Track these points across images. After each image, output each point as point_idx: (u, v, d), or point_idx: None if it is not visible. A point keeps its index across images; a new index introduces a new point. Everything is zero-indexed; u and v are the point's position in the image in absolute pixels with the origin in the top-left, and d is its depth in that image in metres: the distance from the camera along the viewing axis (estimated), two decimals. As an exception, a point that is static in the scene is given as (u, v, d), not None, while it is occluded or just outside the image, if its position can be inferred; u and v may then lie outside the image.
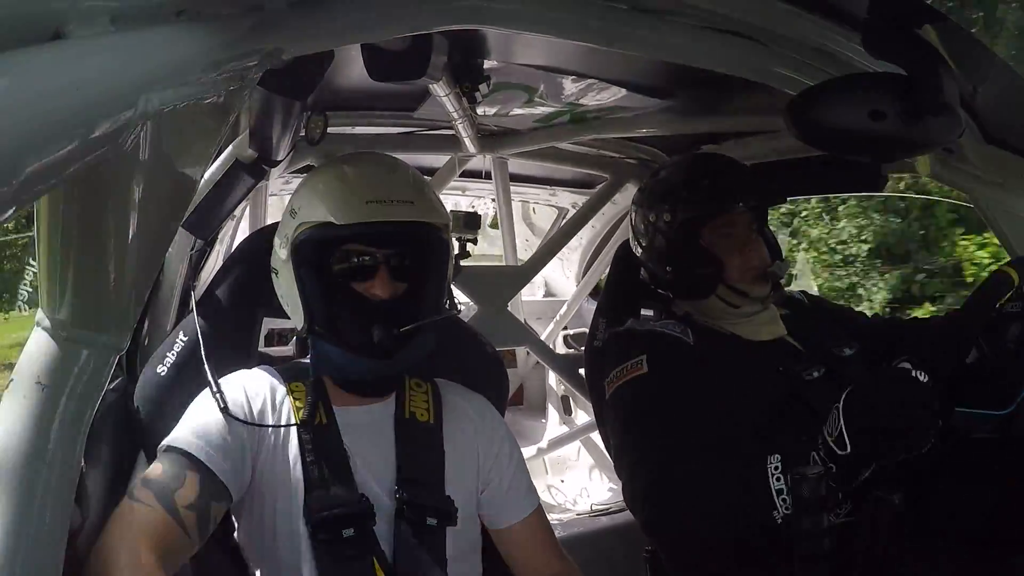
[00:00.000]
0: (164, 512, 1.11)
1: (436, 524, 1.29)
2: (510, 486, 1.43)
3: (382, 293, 1.27)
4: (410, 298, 1.31)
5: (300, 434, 1.29)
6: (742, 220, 1.69)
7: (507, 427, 1.50)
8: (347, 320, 1.29)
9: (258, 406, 1.30)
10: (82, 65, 0.57)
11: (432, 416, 1.40)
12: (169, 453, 1.20)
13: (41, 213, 0.75)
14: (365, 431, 1.35)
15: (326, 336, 1.30)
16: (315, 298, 1.28)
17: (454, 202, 3.16)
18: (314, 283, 1.28)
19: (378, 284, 1.27)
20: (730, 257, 1.68)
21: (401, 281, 1.30)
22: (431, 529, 1.29)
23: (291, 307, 1.34)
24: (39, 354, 0.81)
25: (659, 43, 1.17)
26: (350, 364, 1.31)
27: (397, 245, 1.29)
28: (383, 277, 1.28)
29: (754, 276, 1.68)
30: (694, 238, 1.70)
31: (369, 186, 1.27)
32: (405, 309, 1.29)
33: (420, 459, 1.35)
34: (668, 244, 1.74)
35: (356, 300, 1.28)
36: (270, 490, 1.27)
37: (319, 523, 1.22)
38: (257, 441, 1.28)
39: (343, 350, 1.29)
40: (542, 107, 2.00)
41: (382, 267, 1.28)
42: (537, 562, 1.41)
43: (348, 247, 1.28)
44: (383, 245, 1.28)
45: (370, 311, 1.27)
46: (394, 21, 0.96)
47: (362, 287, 1.28)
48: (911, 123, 1.09)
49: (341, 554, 1.23)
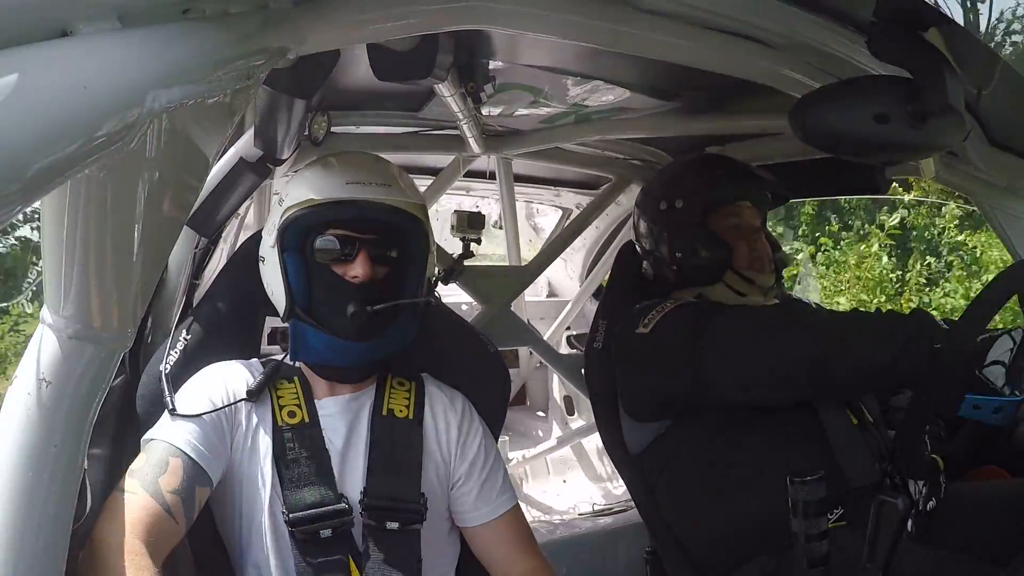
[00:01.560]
0: (150, 498, 1.13)
1: (398, 528, 1.29)
2: (480, 487, 1.43)
3: (360, 275, 1.30)
4: (388, 282, 1.34)
5: (277, 432, 1.30)
6: (748, 212, 1.74)
7: (486, 426, 1.51)
8: (325, 301, 1.32)
9: (232, 392, 1.32)
10: (89, 63, 0.57)
11: (412, 412, 1.41)
12: (151, 443, 1.23)
13: (47, 211, 0.75)
14: (346, 423, 1.36)
15: (305, 319, 1.32)
16: (297, 281, 1.32)
17: (458, 202, 3.17)
18: (296, 266, 1.32)
19: (357, 266, 1.31)
20: (739, 245, 1.71)
21: (380, 265, 1.33)
22: (392, 533, 1.29)
23: (275, 294, 1.37)
24: (43, 351, 0.81)
25: (664, 45, 1.17)
26: (326, 347, 1.33)
27: (376, 230, 1.32)
28: (362, 259, 1.31)
29: (762, 264, 1.71)
30: (703, 223, 1.73)
31: (349, 170, 1.32)
32: (382, 291, 1.32)
33: (395, 456, 1.35)
34: (678, 229, 1.77)
35: (334, 281, 1.31)
36: (237, 480, 1.29)
37: (296, 522, 1.23)
38: (234, 427, 1.30)
39: (320, 331, 1.32)
40: (547, 108, 2.00)
41: (361, 250, 1.31)
42: (508, 559, 1.41)
43: (330, 232, 1.31)
44: (362, 230, 1.31)
45: (347, 292, 1.30)
46: (400, 21, 0.96)
47: (342, 269, 1.32)
48: (916, 126, 1.09)
49: (318, 554, 1.24)
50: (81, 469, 0.87)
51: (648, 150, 2.54)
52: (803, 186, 2.43)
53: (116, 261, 0.80)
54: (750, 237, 1.73)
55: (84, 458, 0.88)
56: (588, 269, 3.25)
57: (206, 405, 1.28)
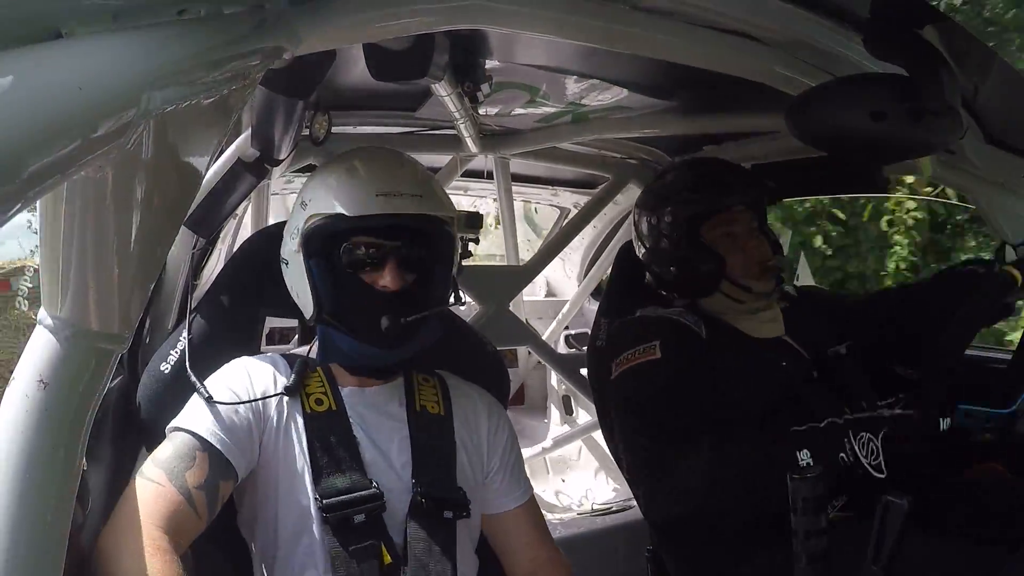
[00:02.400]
0: (175, 491, 1.14)
1: (452, 517, 1.32)
2: (509, 476, 1.46)
3: (390, 284, 1.29)
4: (417, 289, 1.34)
5: (308, 420, 1.31)
6: (742, 217, 1.71)
7: (509, 420, 1.53)
8: (356, 310, 1.32)
9: (261, 388, 1.32)
10: (84, 64, 0.57)
11: (442, 408, 1.43)
12: (177, 433, 1.23)
13: (43, 212, 0.75)
14: (373, 413, 1.37)
15: (335, 325, 1.33)
16: (324, 288, 1.31)
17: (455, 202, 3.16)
18: (324, 273, 1.31)
19: (386, 275, 1.30)
20: (733, 253, 1.69)
21: (409, 272, 1.32)
22: (446, 522, 1.32)
23: (300, 297, 1.36)
24: (41, 352, 0.81)
25: (661, 43, 1.17)
26: (357, 352, 1.34)
27: (404, 237, 1.31)
28: (391, 268, 1.30)
29: (758, 271, 1.69)
30: (696, 236, 1.71)
31: (378, 180, 1.29)
32: (412, 299, 1.32)
33: (434, 451, 1.37)
34: (671, 244, 1.76)
35: (365, 291, 1.31)
36: (273, 472, 1.29)
37: (329, 508, 1.24)
38: (263, 420, 1.30)
39: (352, 338, 1.32)
40: (544, 107, 2.00)
41: (390, 258, 1.30)
42: (525, 548, 1.44)
43: (357, 239, 1.30)
44: (391, 237, 1.30)
45: (378, 301, 1.29)
46: (396, 20, 0.96)
47: (371, 278, 1.31)
48: (912, 124, 1.09)
49: (350, 539, 1.24)
50: (80, 470, 0.87)
51: (646, 149, 2.54)
52: (800, 185, 2.44)
53: (113, 262, 0.80)
54: (747, 243, 1.71)
55: (83, 459, 0.88)
56: (586, 269, 3.25)
57: (235, 395, 1.29)
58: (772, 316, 1.75)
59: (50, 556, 0.82)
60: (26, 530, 0.78)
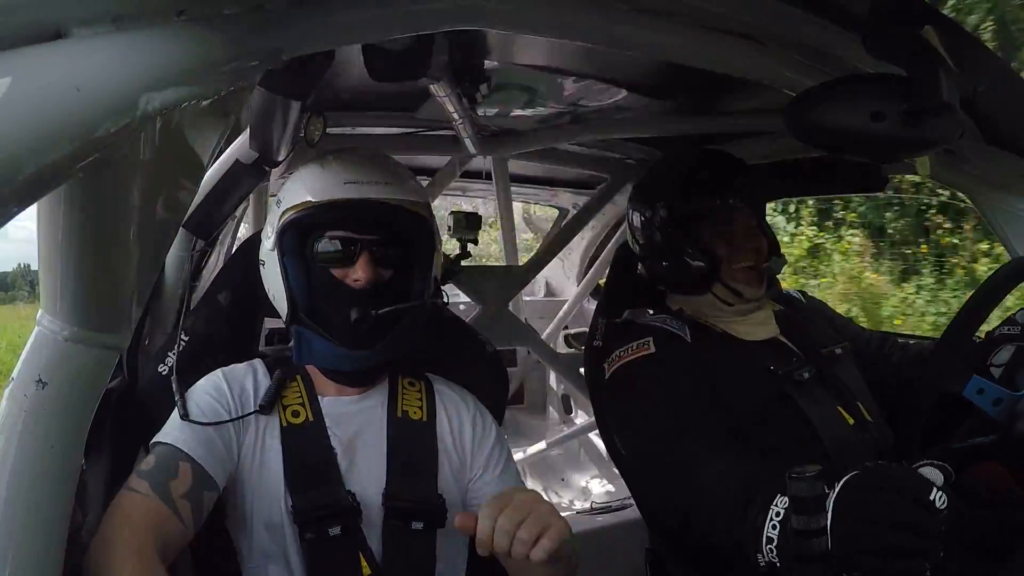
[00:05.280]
0: (160, 502, 1.13)
1: (422, 528, 1.29)
2: (498, 479, 1.42)
3: (362, 278, 1.27)
4: (392, 285, 1.31)
5: (284, 433, 1.29)
6: (740, 215, 1.68)
7: (498, 426, 1.50)
8: (327, 306, 1.29)
9: (238, 400, 1.31)
10: (83, 65, 0.57)
11: (425, 413, 1.40)
12: (158, 447, 1.22)
13: (42, 213, 0.75)
14: (353, 423, 1.35)
15: (309, 325, 1.30)
16: (298, 285, 1.29)
17: (454, 203, 3.17)
18: (297, 270, 1.29)
19: (358, 270, 1.27)
20: (727, 252, 1.66)
21: (385, 268, 1.30)
22: (419, 532, 1.29)
23: (276, 298, 1.35)
24: (40, 353, 0.81)
25: (659, 43, 1.16)
26: (331, 353, 1.31)
27: (377, 228, 1.29)
28: (363, 262, 1.28)
29: (749, 277, 1.66)
30: (690, 233, 1.68)
31: (348, 169, 1.29)
32: (386, 295, 1.29)
33: (413, 458, 1.35)
34: (664, 240, 1.73)
35: (336, 286, 1.29)
36: (250, 483, 1.28)
37: (304, 521, 1.23)
38: (242, 434, 1.28)
39: (324, 339, 1.29)
40: (543, 108, 2.00)
41: (363, 252, 1.28)
42: None
43: (331, 232, 1.29)
44: (364, 230, 1.28)
45: (349, 297, 1.27)
46: (395, 21, 0.96)
47: (343, 273, 1.29)
48: (911, 124, 1.09)
49: (327, 552, 1.23)
50: (79, 471, 0.87)
51: (644, 149, 2.54)
52: (799, 185, 2.44)
53: (112, 263, 0.80)
54: (744, 241, 1.68)
55: (81, 460, 0.88)
56: (585, 268, 3.26)
57: (214, 410, 1.27)
58: (763, 318, 1.73)
59: (50, 556, 0.82)
60: (26, 530, 0.78)
